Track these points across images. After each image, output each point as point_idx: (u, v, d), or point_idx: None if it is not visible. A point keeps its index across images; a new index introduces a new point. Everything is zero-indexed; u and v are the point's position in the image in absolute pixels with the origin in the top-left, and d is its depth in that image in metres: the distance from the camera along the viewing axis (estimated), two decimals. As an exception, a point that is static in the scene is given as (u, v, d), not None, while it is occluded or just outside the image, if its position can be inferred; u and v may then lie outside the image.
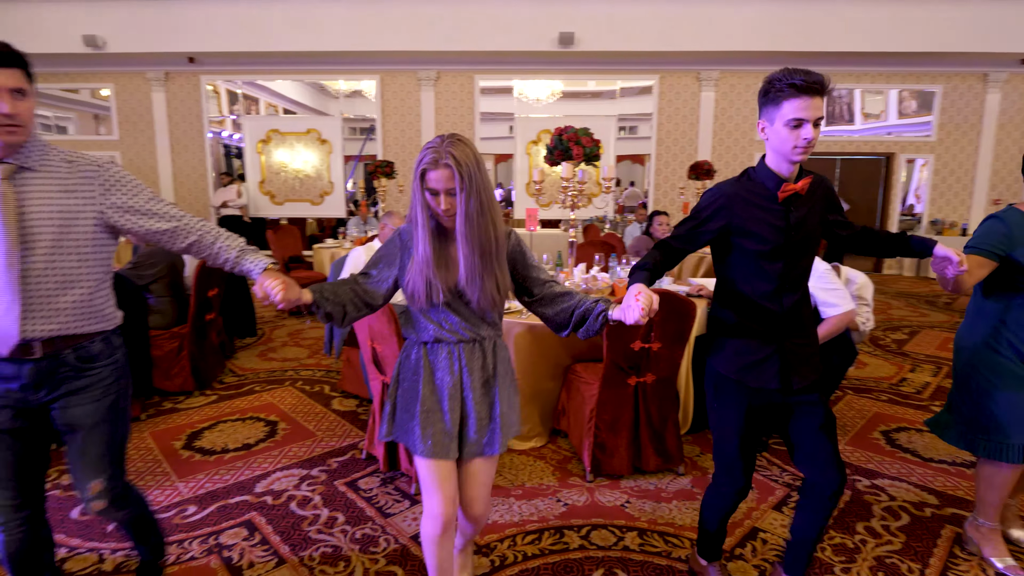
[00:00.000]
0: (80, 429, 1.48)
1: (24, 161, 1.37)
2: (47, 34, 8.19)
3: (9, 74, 1.30)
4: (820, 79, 1.40)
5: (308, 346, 4.86)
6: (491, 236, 1.43)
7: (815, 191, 1.57)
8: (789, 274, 1.57)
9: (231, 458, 2.83)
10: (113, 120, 9.29)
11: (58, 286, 1.40)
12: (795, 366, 1.59)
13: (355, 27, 8.10)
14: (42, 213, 1.37)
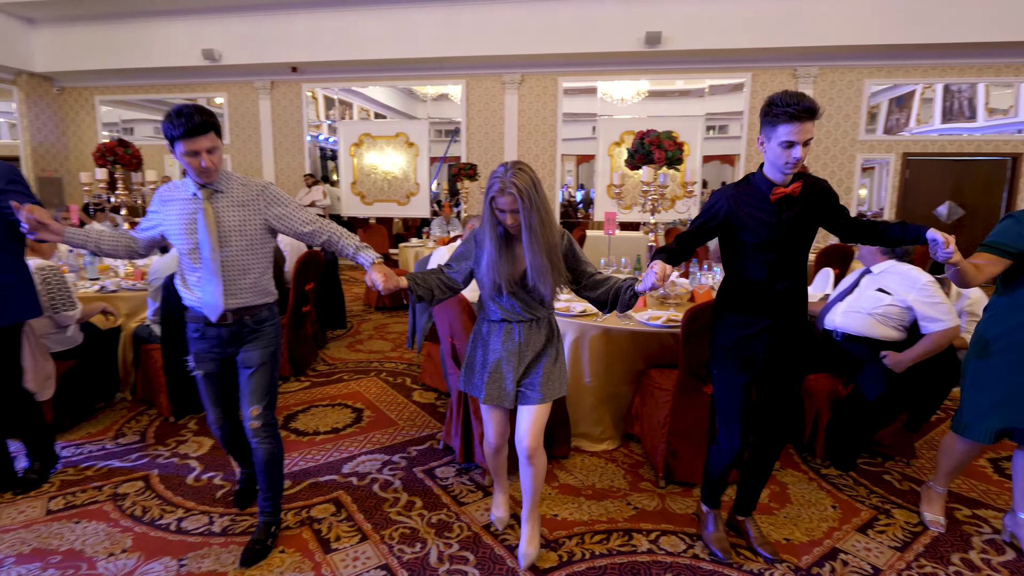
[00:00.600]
0: (251, 368, 2.06)
1: (216, 187, 1.95)
2: (173, 49, 9.13)
3: (207, 138, 1.86)
4: (811, 106, 1.66)
5: (392, 340, 5.12)
6: (550, 242, 1.83)
7: (809, 193, 1.85)
8: (780, 263, 1.86)
9: (321, 440, 3.06)
10: (225, 126, 10.17)
11: (240, 272, 1.99)
12: (783, 340, 1.91)
13: (444, 35, 8.40)
14: (231, 222, 1.96)
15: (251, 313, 2.04)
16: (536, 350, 1.97)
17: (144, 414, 3.38)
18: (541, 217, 1.79)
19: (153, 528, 2.26)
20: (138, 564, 2.04)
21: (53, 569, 2.00)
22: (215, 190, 1.95)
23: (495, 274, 1.86)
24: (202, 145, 1.83)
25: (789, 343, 1.93)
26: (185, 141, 1.81)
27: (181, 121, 1.80)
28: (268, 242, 2.07)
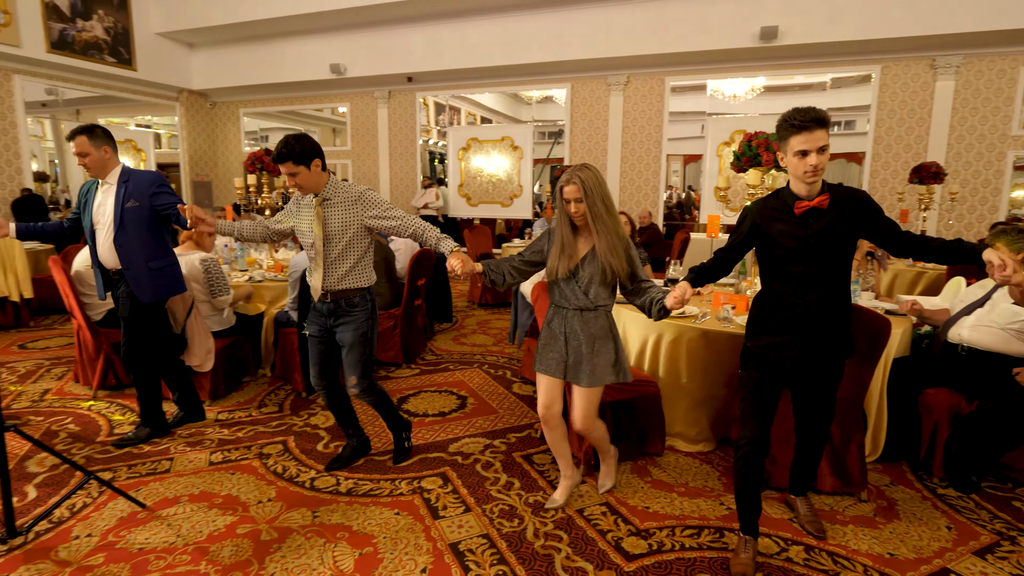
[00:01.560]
0: (345, 346, 2.57)
1: (325, 195, 2.47)
2: (305, 65, 10.10)
3: (285, 166, 2.36)
4: (815, 116, 1.76)
5: (494, 335, 5.38)
6: (616, 229, 2.14)
7: (841, 205, 1.87)
8: (809, 275, 1.92)
9: (430, 421, 3.35)
10: (348, 133, 11.08)
11: (338, 261, 2.48)
12: (812, 353, 1.97)
13: (551, 40, 8.60)
14: (335, 223, 2.46)
15: (345, 297, 2.52)
16: (584, 339, 2.21)
17: (281, 389, 3.86)
18: (606, 207, 2.11)
19: (291, 484, 2.63)
20: (281, 511, 2.40)
21: (217, 508, 2.42)
22: (325, 198, 2.45)
23: (555, 259, 2.19)
24: (285, 170, 2.39)
25: (821, 355, 1.99)
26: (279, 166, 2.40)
27: (273, 153, 2.39)
28: (363, 239, 2.52)
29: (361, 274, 2.53)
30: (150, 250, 2.88)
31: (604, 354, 2.23)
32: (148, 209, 2.84)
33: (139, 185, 2.84)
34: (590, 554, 2.14)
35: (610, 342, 2.25)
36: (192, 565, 2.06)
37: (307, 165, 2.40)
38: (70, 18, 8.92)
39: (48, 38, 8.63)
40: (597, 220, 2.11)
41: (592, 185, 2.08)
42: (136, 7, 9.79)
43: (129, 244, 2.82)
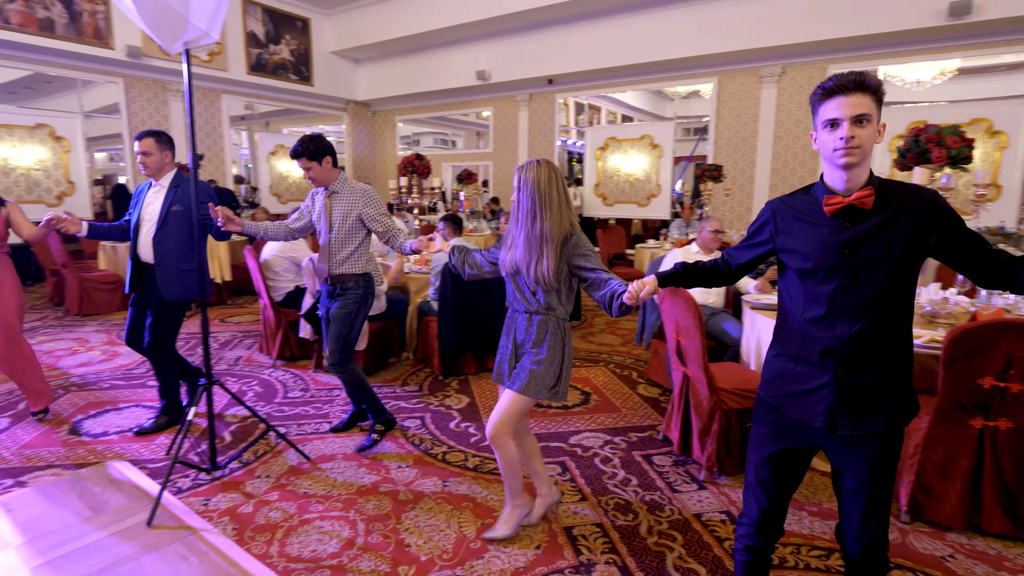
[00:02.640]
0: (331, 320, 2.89)
1: (334, 188, 2.84)
2: (453, 73, 10.79)
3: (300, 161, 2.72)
4: (853, 77, 1.32)
5: (622, 335, 5.37)
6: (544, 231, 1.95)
7: (895, 205, 1.35)
8: (846, 299, 1.38)
9: (552, 413, 3.48)
10: (490, 136, 11.63)
11: (339, 247, 2.83)
12: (848, 407, 1.39)
13: (696, 33, 8.30)
14: (340, 212, 2.83)
15: (342, 281, 2.87)
16: (526, 344, 2.07)
17: (421, 371, 4.24)
18: (538, 207, 1.95)
19: (426, 455, 2.92)
20: (416, 477, 2.69)
21: (364, 468, 2.77)
22: (333, 191, 2.84)
23: (506, 247, 2.09)
24: (301, 165, 2.74)
25: (869, 412, 1.38)
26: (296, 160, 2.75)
27: (291, 150, 2.74)
28: (361, 230, 2.86)
29: (357, 261, 2.88)
30: (184, 253, 2.98)
31: (545, 364, 2.02)
32: (189, 216, 2.98)
33: (188, 193, 2.96)
34: (704, 558, 2.12)
35: (555, 354, 2.03)
36: (343, 512, 2.40)
37: (319, 161, 2.74)
38: (264, 44, 10.44)
39: (248, 62, 10.19)
40: (518, 216, 2.00)
41: (532, 183, 1.96)
42: (315, 30, 11.17)
43: (166, 243, 2.96)
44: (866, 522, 1.43)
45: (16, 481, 2.64)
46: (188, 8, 2.21)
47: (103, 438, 3.10)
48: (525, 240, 1.99)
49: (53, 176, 8.24)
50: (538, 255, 1.97)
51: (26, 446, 3.00)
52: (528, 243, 1.99)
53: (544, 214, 1.97)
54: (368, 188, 2.88)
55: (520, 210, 2.00)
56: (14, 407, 3.50)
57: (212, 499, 2.49)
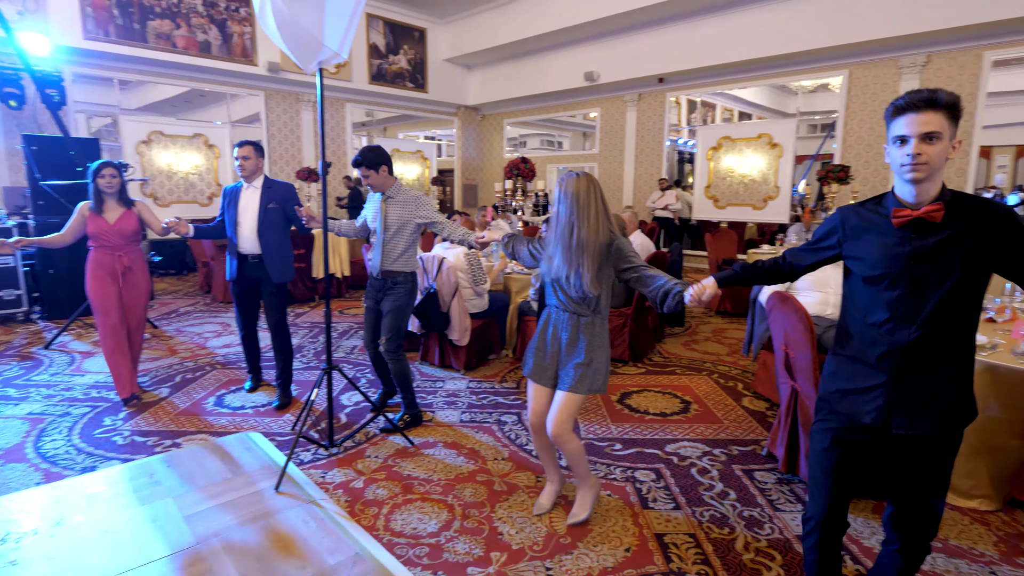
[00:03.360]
0: (384, 313, 3.17)
1: (389, 193, 3.12)
2: (562, 75, 10.85)
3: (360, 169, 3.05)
4: (925, 95, 1.35)
5: (729, 345, 5.15)
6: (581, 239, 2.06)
7: (964, 220, 1.38)
8: (908, 307, 1.44)
9: (650, 419, 3.43)
10: (596, 137, 11.57)
11: (391, 247, 3.09)
12: (904, 407, 1.46)
13: (824, 23, 7.72)
14: (393, 216, 3.10)
15: (392, 276, 3.13)
16: (574, 343, 2.18)
17: (519, 369, 4.36)
18: (576, 218, 2.06)
19: (521, 450, 3.01)
20: (511, 470, 2.79)
21: (463, 457, 2.91)
22: (389, 196, 3.12)
23: (547, 261, 2.19)
24: (361, 173, 3.05)
25: (924, 415, 1.45)
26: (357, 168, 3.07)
27: (353, 159, 3.05)
28: (412, 233, 3.13)
29: (407, 261, 3.15)
30: (281, 243, 3.50)
31: (595, 363, 2.17)
32: (282, 212, 3.48)
33: (279, 193, 3.48)
34: (806, 582, 2.00)
35: (603, 353, 2.19)
36: (443, 495, 2.55)
37: (376, 169, 3.04)
38: (384, 55, 11.16)
39: (369, 72, 10.95)
40: (558, 226, 2.11)
41: (572, 194, 2.07)
42: (431, 39, 11.75)
43: (267, 236, 3.44)
44: (918, 513, 1.54)
45: (173, 442, 3.09)
46: (323, 32, 2.47)
47: (240, 411, 3.52)
48: (564, 251, 2.10)
49: (205, 179, 9.39)
50: (576, 264, 2.08)
51: (181, 413, 3.48)
52: (566, 254, 2.09)
53: (581, 224, 2.07)
54: (419, 195, 3.14)
55: (558, 222, 2.11)
56: (172, 379, 4.07)
57: (328, 473, 2.75)
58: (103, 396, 3.73)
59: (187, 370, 4.28)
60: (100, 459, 2.89)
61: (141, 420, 3.36)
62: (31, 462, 2.85)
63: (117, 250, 3.53)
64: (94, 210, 3.50)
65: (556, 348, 2.23)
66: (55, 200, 5.55)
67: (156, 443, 3.07)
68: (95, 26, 7.79)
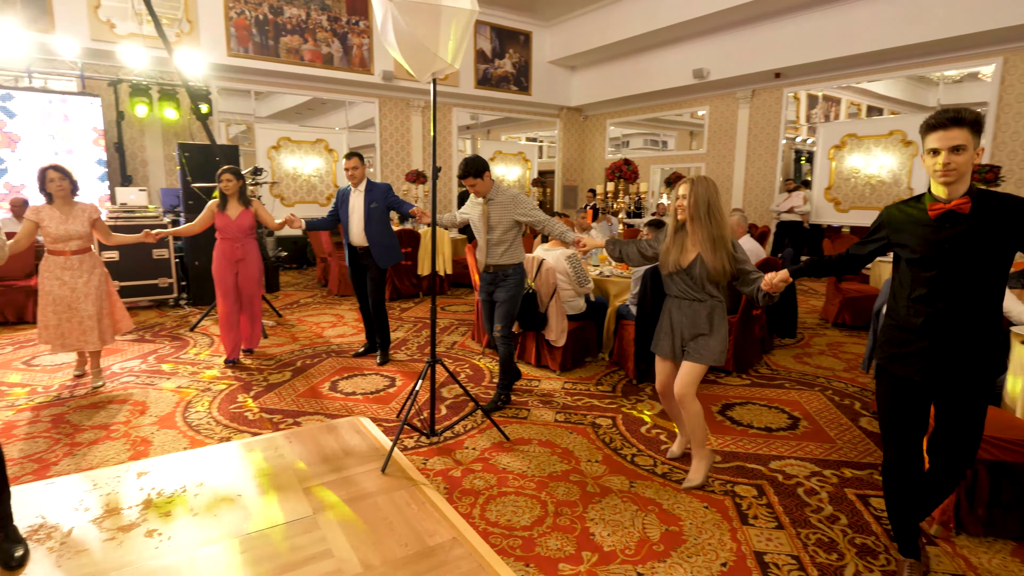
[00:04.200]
0: (498, 302, 3.50)
1: (490, 196, 3.40)
2: (668, 73, 10.54)
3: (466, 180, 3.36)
4: (950, 115, 1.68)
5: (846, 360, 4.77)
6: (713, 234, 2.45)
7: (987, 211, 1.70)
8: (944, 282, 1.77)
9: (753, 434, 3.27)
10: (704, 136, 11.12)
11: (497, 244, 3.41)
12: (944, 367, 1.78)
13: (970, 6, 6.89)
14: (495, 216, 3.38)
15: (501, 269, 3.45)
16: (698, 326, 2.54)
17: (615, 373, 4.32)
18: (709, 213, 2.43)
19: (615, 454, 2.99)
20: (604, 473, 2.78)
21: (557, 456, 2.95)
22: (490, 198, 3.40)
23: (666, 255, 2.56)
24: (467, 182, 3.35)
25: (957, 370, 1.79)
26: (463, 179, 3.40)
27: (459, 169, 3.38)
28: (514, 228, 3.41)
29: (513, 254, 3.43)
30: (383, 235, 4.27)
31: (716, 339, 2.53)
32: (383, 209, 4.24)
33: (378, 193, 4.23)
34: (928, 623, 1.83)
35: (724, 331, 2.54)
36: (536, 492, 2.61)
37: (481, 177, 3.34)
38: (490, 59, 11.45)
39: (476, 77, 11.30)
40: (698, 222, 2.46)
41: (702, 194, 2.44)
42: (535, 42, 11.90)
43: (372, 230, 4.22)
44: (957, 446, 1.86)
45: (295, 420, 3.40)
46: (438, 45, 2.61)
47: (352, 396, 3.80)
48: (705, 240, 2.46)
49: (325, 181, 10.18)
50: (717, 254, 2.44)
51: (302, 395, 3.82)
52: (709, 243, 2.45)
53: (722, 220, 2.48)
54: (517, 193, 3.44)
55: (697, 218, 2.47)
56: (293, 364, 4.48)
57: (429, 460, 2.90)
58: (240, 376, 4.18)
59: (306, 356, 4.68)
60: (234, 431, 3.25)
61: (268, 399, 3.74)
62: (180, 429, 3.27)
63: (236, 242, 4.24)
64: (220, 207, 4.20)
65: (680, 330, 2.60)
66: (202, 200, 6.29)
67: (280, 420, 3.41)
68: (237, 44, 8.71)
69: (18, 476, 2.72)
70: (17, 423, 3.32)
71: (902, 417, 1.90)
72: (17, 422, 3.33)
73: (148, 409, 3.55)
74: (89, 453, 2.96)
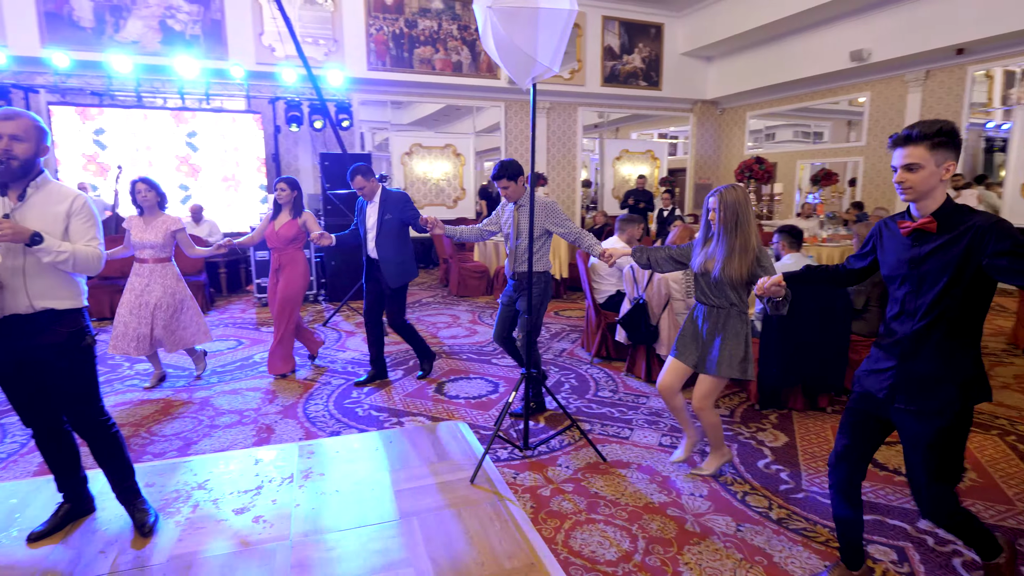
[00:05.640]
0: (522, 311, 3.32)
1: (521, 203, 3.31)
2: (819, 57, 9.45)
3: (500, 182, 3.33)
4: (904, 133, 1.68)
5: (1037, 394, 3.90)
6: (734, 243, 2.45)
7: (953, 230, 1.65)
8: (912, 302, 1.74)
9: (900, 482, 2.76)
10: (863, 126, 9.82)
11: (523, 252, 3.27)
12: (906, 387, 1.74)
13: None
14: (526, 223, 3.16)
15: (523, 276, 3.29)
16: (714, 332, 2.55)
17: (736, 395, 3.92)
18: (736, 222, 2.44)
19: (723, 489, 2.69)
20: (708, 511, 2.50)
21: (656, 485, 2.72)
22: (520, 204, 3.31)
23: (694, 256, 2.62)
24: (500, 185, 3.31)
25: (916, 396, 1.72)
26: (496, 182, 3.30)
27: (493, 171, 3.31)
28: (544, 236, 3.31)
29: (541, 261, 3.33)
30: (396, 250, 3.91)
31: (729, 349, 2.51)
32: (398, 220, 3.90)
33: (393, 204, 3.91)
34: None
35: (738, 340, 2.51)
36: (627, 523, 2.41)
37: (515, 180, 3.27)
38: (618, 55, 11.11)
39: (602, 75, 11.03)
40: (724, 230, 2.47)
41: (730, 204, 2.45)
42: (667, 35, 11.33)
43: (384, 243, 3.89)
44: (924, 481, 1.74)
45: (398, 420, 3.52)
46: (536, 50, 2.51)
47: (455, 400, 3.85)
48: (729, 247, 2.46)
49: (452, 184, 10.57)
50: (739, 261, 2.44)
51: (408, 395, 3.95)
52: (732, 250, 2.45)
53: (749, 229, 2.46)
54: (549, 202, 3.30)
55: (725, 226, 2.47)
56: (406, 363, 4.66)
57: (520, 474, 2.82)
58: (355, 372, 4.45)
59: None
60: (344, 426, 3.44)
61: (377, 397, 3.91)
62: (299, 419, 3.53)
63: (277, 251, 4.21)
64: (271, 217, 4.24)
65: (700, 336, 2.62)
66: (336, 205, 6.81)
67: (385, 419, 3.54)
68: (376, 58, 9.34)
69: (164, 452, 3.10)
70: (174, 403, 3.81)
71: (860, 426, 1.90)
72: (175, 402, 3.83)
73: (276, 398, 3.88)
74: (223, 435, 3.30)
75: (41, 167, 2.15)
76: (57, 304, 2.13)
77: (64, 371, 2.16)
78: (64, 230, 2.12)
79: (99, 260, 2.16)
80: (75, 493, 2.43)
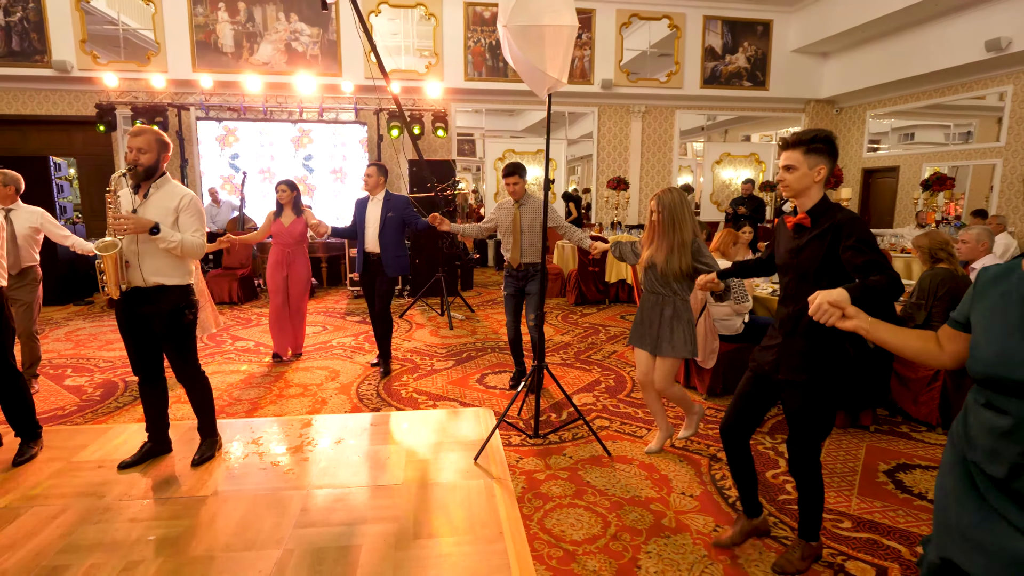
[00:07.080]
0: (529, 294, 3.84)
1: (521, 201, 3.81)
2: (950, 49, 8.52)
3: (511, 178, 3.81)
4: (788, 138, 1.96)
5: None
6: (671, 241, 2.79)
7: (823, 225, 1.89)
8: (791, 288, 2.01)
9: (920, 507, 2.57)
10: (1003, 125, 8.67)
11: (527, 246, 3.78)
12: (786, 361, 2.00)
13: None
14: (527, 220, 3.79)
15: (532, 266, 3.79)
16: (659, 318, 2.88)
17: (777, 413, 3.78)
18: (672, 222, 2.78)
19: (718, 493, 2.68)
20: (691, 510, 2.54)
21: (650, 482, 2.78)
22: (521, 203, 3.79)
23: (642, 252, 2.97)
24: (511, 181, 3.74)
25: (789, 374, 1.98)
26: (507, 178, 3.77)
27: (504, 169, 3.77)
28: (539, 230, 3.65)
29: (537, 252, 3.72)
30: (396, 244, 4.32)
31: (678, 332, 2.84)
32: (399, 220, 4.31)
33: (396, 204, 4.33)
34: None
35: (682, 323, 2.84)
36: (606, 511, 2.52)
37: (523, 178, 3.77)
38: (721, 55, 10.73)
39: (702, 76, 10.72)
40: (660, 228, 2.81)
41: (667, 205, 2.78)
42: (776, 32, 10.74)
43: (386, 239, 4.28)
44: (793, 440, 2.06)
45: (434, 403, 3.85)
46: (545, 64, 2.72)
47: (492, 390, 4.11)
48: (668, 245, 2.78)
49: (530, 188, 10.83)
50: (677, 255, 2.77)
51: (452, 382, 4.28)
52: (670, 247, 2.78)
53: (685, 227, 2.78)
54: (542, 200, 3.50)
55: (662, 224, 2.79)
56: (459, 355, 5.00)
57: (523, 459, 3.02)
58: (413, 359, 4.87)
59: (474, 349, 5.18)
60: (386, 404, 3.84)
61: (424, 382, 4.28)
62: (351, 397, 3.99)
63: (286, 247, 4.60)
64: (277, 215, 4.64)
65: (651, 323, 2.91)
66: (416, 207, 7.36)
67: (424, 401, 3.89)
68: (472, 69, 9.88)
69: (236, 412, 3.69)
70: (255, 374, 4.46)
71: (748, 391, 2.13)
72: (255, 373, 4.48)
73: (338, 377, 4.39)
74: (287, 405, 3.84)
75: (164, 170, 2.76)
76: (166, 280, 2.77)
77: (167, 334, 2.79)
78: (174, 222, 2.72)
79: (201, 248, 2.82)
80: (159, 436, 3.02)
